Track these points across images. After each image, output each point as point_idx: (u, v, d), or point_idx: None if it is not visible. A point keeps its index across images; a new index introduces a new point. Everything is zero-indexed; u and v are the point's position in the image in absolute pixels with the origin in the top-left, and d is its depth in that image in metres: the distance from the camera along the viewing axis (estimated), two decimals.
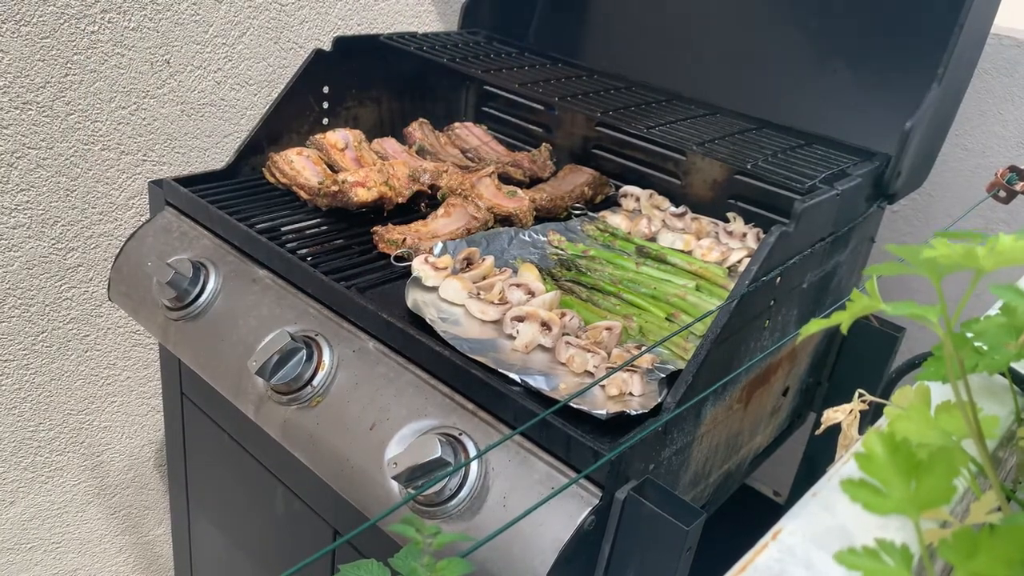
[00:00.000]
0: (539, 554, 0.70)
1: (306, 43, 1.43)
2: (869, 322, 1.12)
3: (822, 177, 0.99)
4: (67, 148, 1.21)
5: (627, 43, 1.43)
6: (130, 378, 1.45)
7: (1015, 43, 1.32)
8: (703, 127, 1.17)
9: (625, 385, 0.83)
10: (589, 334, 0.93)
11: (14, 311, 1.25)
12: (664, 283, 1.09)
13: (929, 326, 0.39)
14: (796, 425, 1.24)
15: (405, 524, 0.44)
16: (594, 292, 1.05)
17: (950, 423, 0.44)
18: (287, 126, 1.24)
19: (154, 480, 1.58)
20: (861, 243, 1.15)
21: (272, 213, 1.13)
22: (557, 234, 1.18)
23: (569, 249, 1.15)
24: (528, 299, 0.97)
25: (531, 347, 0.90)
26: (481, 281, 1.00)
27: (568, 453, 0.74)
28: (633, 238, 1.20)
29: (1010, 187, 1.03)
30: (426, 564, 0.41)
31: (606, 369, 0.86)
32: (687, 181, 1.31)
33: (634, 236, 1.21)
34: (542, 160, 1.38)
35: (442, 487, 0.75)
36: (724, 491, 1.05)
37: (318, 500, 1.03)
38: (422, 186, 1.21)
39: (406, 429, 0.81)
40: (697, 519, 0.70)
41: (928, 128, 1.05)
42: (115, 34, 1.20)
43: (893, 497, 0.36)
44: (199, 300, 1.02)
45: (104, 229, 1.30)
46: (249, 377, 0.93)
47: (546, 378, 0.83)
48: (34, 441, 1.36)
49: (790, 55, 1.26)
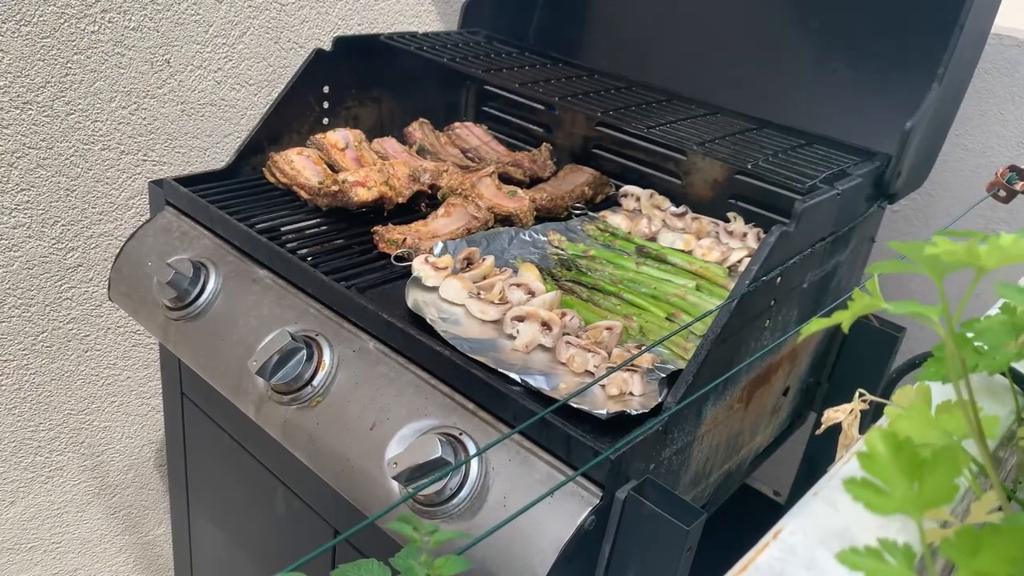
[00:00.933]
0: (539, 554, 0.70)
1: (306, 43, 1.43)
2: (870, 322, 1.12)
3: (822, 177, 0.99)
4: (67, 148, 1.21)
5: (627, 43, 1.43)
6: (130, 378, 1.45)
7: (1016, 43, 1.32)
8: (703, 127, 1.17)
9: (625, 385, 0.83)
10: (589, 334, 0.93)
11: (14, 311, 1.25)
12: (664, 283, 1.09)
13: (930, 325, 0.39)
14: (796, 425, 1.24)
15: (402, 522, 0.44)
16: (595, 292, 1.05)
17: (951, 423, 0.44)
18: (287, 126, 1.24)
19: (154, 480, 1.58)
20: (861, 243, 1.15)
21: (272, 213, 1.13)
22: (557, 234, 1.18)
23: (569, 249, 1.15)
24: (528, 299, 0.97)
25: (531, 347, 0.90)
26: (481, 281, 1.00)
27: (568, 453, 0.74)
28: (633, 238, 1.20)
29: (1010, 186, 1.03)
30: (423, 562, 0.41)
31: (606, 369, 0.86)
32: (688, 181, 1.31)
33: (634, 236, 1.20)
34: (542, 160, 1.38)
35: (443, 487, 0.75)
36: (724, 491, 1.05)
37: (318, 500, 1.03)
38: (422, 186, 1.21)
39: (406, 429, 0.81)
40: (697, 519, 0.70)
41: (928, 128, 1.05)
42: (115, 34, 1.20)
43: (895, 497, 0.36)
44: (199, 300, 1.01)
45: (104, 229, 1.30)
46: (249, 377, 0.93)
47: (546, 378, 0.83)
48: (34, 441, 1.36)
49: (790, 55, 1.26)
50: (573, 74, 1.34)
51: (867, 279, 0.46)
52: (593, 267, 1.11)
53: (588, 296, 1.04)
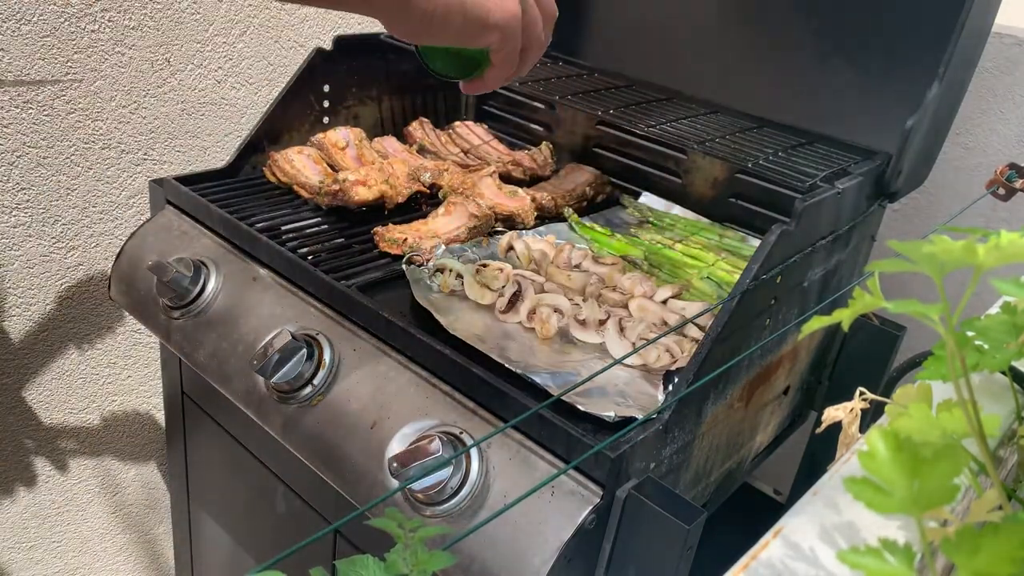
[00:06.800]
0: (540, 553, 0.70)
1: (307, 42, 1.43)
2: (870, 320, 1.12)
3: (823, 176, 0.99)
4: (67, 147, 1.21)
5: (627, 42, 1.43)
6: (131, 377, 1.45)
7: (1016, 41, 1.32)
8: (704, 126, 1.17)
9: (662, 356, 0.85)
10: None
11: (14, 310, 1.25)
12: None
13: (930, 324, 0.39)
14: (797, 424, 1.24)
15: (387, 518, 0.44)
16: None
17: (951, 422, 0.44)
18: (288, 125, 1.24)
19: (155, 479, 1.58)
20: (862, 242, 1.15)
21: (273, 212, 1.13)
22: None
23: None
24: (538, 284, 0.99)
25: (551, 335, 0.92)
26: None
27: (569, 452, 0.74)
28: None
29: (1009, 184, 1.03)
30: (407, 557, 0.41)
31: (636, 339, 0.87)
32: (688, 180, 1.31)
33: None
34: (543, 159, 1.38)
35: (443, 486, 0.75)
36: (725, 490, 1.05)
37: (319, 499, 1.03)
38: (423, 185, 1.21)
39: (407, 428, 0.81)
40: (698, 518, 0.70)
41: (929, 126, 1.05)
42: (115, 33, 1.20)
43: (896, 495, 0.36)
44: (200, 299, 1.01)
45: (104, 228, 1.30)
46: (250, 376, 0.93)
47: (552, 375, 0.83)
48: (35, 440, 1.36)
49: (791, 53, 1.26)
50: (573, 73, 1.34)
51: (867, 277, 0.46)
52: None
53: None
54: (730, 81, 1.31)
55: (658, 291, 1.00)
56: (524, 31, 0.71)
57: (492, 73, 0.75)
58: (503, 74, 0.75)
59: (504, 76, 0.76)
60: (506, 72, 0.75)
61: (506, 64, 0.74)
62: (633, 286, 1.00)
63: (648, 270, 1.09)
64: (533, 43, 0.74)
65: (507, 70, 0.75)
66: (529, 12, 0.71)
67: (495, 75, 0.75)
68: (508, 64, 0.74)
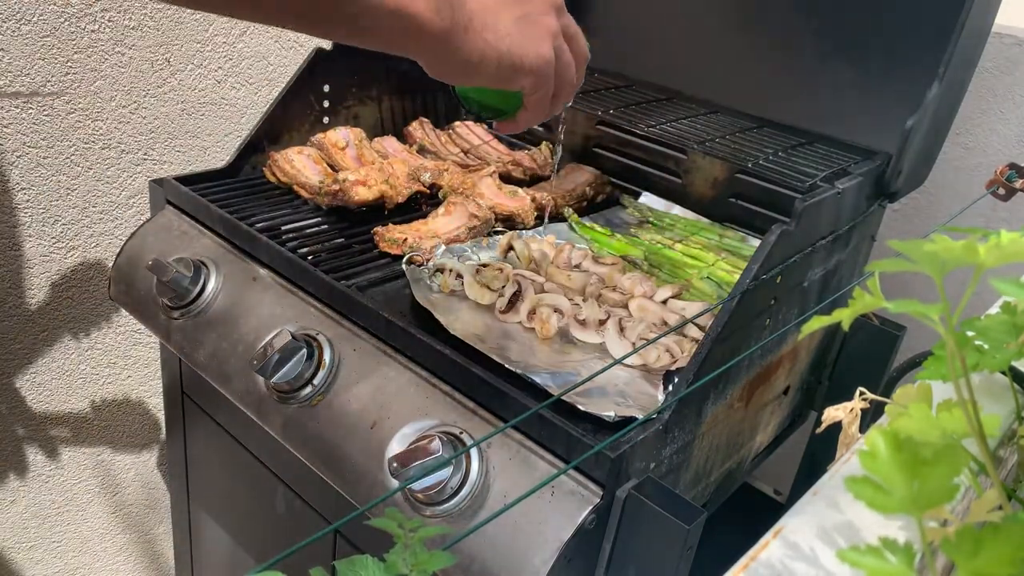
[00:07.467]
0: (540, 553, 0.70)
1: (306, 41, 1.43)
2: (870, 320, 1.12)
3: (823, 175, 0.99)
4: (67, 147, 1.21)
5: (627, 42, 1.43)
6: (131, 377, 1.45)
7: (1016, 41, 1.32)
8: (704, 126, 1.17)
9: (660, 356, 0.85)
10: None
11: (14, 310, 1.25)
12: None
13: (930, 324, 0.39)
14: (797, 424, 1.24)
15: (387, 518, 0.44)
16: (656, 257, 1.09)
17: (951, 422, 0.44)
18: (288, 125, 1.24)
19: (155, 479, 1.58)
20: (862, 242, 1.15)
21: (273, 212, 1.13)
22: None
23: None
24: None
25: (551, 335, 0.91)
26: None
27: (569, 452, 0.74)
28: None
29: (1009, 184, 1.03)
30: (407, 557, 0.41)
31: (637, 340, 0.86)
32: (688, 180, 1.31)
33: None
34: (543, 159, 1.38)
35: (443, 486, 0.75)
36: (725, 490, 1.05)
37: (319, 499, 1.03)
38: (423, 185, 1.21)
39: (407, 428, 0.81)
40: (698, 518, 0.70)
41: (929, 126, 1.05)
42: (115, 33, 1.20)
43: (896, 495, 0.36)
44: (200, 299, 1.01)
45: (104, 228, 1.30)
46: (250, 376, 0.93)
47: (552, 375, 0.83)
48: (35, 440, 1.36)
49: (791, 53, 1.26)
50: None
51: (867, 277, 0.46)
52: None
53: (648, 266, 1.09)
54: (730, 81, 1.31)
55: (658, 291, 1.00)
56: (557, 76, 0.73)
57: (524, 115, 0.77)
58: (535, 116, 0.77)
59: (536, 118, 0.77)
60: (538, 114, 0.77)
61: (538, 107, 0.76)
62: (633, 286, 1.00)
63: (648, 270, 1.09)
64: (565, 86, 0.76)
65: (539, 112, 0.77)
66: (562, 57, 0.73)
67: (527, 117, 0.77)
68: (540, 107, 0.76)
